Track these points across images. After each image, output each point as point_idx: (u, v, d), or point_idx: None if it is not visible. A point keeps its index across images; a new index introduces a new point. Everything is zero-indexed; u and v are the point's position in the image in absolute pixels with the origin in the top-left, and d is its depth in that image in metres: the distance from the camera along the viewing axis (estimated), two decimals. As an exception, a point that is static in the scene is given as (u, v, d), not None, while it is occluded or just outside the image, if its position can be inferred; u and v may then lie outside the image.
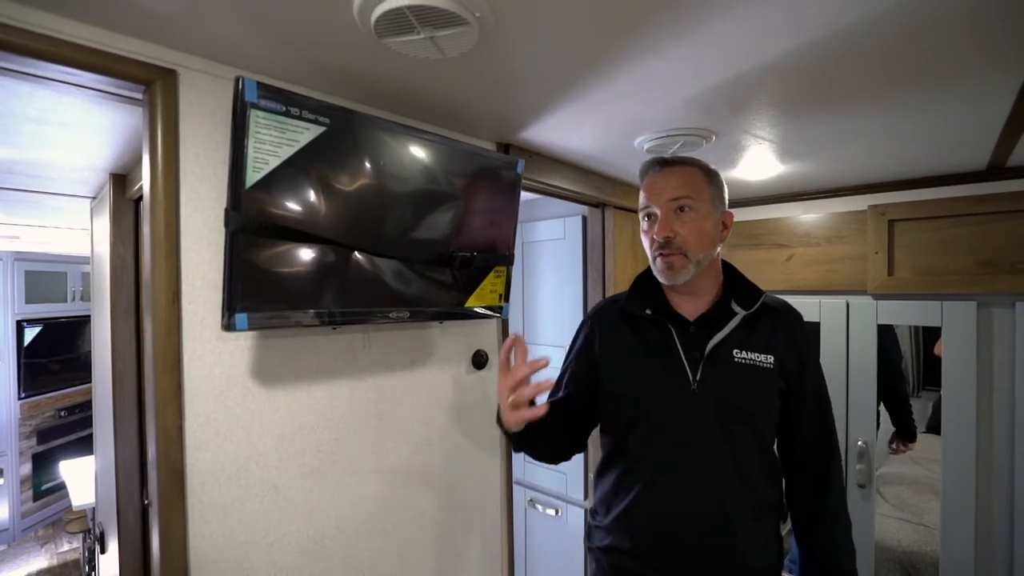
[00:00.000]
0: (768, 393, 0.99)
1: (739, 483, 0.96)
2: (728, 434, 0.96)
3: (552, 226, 2.24)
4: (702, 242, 0.98)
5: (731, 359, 0.98)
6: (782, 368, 0.99)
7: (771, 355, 0.99)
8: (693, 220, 0.97)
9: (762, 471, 0.99)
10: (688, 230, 0.97)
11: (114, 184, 1.61)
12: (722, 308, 1.02)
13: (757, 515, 0.98)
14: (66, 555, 3.59)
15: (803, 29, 0.82)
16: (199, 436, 0.91)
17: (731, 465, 0.96)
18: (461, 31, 0.78)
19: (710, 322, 1.01)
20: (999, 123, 1.29)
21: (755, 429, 0.98)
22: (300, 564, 1.05)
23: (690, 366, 0.98)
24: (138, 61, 0.83)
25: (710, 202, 1.00)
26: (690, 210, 0.97)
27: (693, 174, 1.00)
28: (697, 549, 0.96)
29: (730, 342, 0.99)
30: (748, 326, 1.01)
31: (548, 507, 2.28)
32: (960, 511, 1.82)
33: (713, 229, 1.00)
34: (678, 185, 0.98)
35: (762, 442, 1.00)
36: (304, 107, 0.89)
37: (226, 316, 0.86)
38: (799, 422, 1.03)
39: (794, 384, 1.01)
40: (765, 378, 0.98)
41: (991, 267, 1.76)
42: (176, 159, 0.88)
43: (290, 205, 0.90)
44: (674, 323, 1.02)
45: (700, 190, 0.99)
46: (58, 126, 1.20)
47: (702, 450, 0.97)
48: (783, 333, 1.02)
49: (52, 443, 3.99)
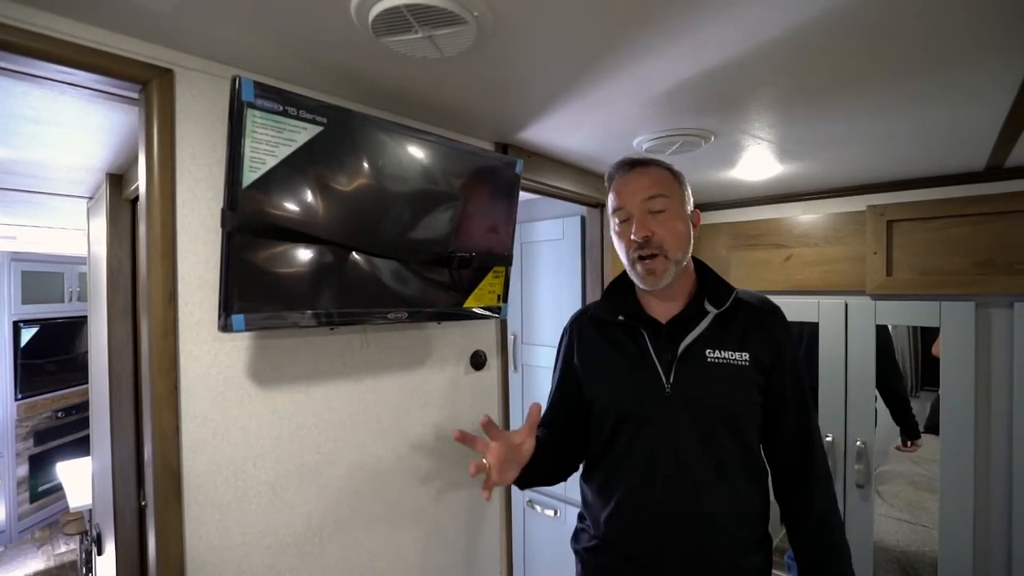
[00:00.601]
0: (745, 391, 0.97)
1: (721, 485, 0.95)
2: (706, 436, 0.95)
3: (551, 226, 2.24)
4: (679, 241, 0.98)
5: (704, 359, 0.97)
6: (758, 364, 0.97)
7: (746, 352, 0.97)
8: (668, 220, 0.97)
9: (744, 472, 0.97)
10: (665, 230, 0.96)
11: (111, 184, 1.61)
12: (694, 308, 1.01)
13: (742, 517, 0.97)
14: (63, 557, 3.57)
15: (801, 29, 0.82)
16: (196, 437, 0.90)
17: (711, 467, 0.95)
18: (459, 30, 0.78)
19: (682, 323, 1.00)
20: (997, 123, 1.29)
21: (734, 429, 0.96)
22: (298, 566, 1.05)
23: (663, 369, 0.98)
24: (134, 60, 0.82)
25: (681, 202, 1.00)
26: (664, 209, 0.97)
27: (662, 174, 1.01)
28: (680, 552, 0.95)
29: (702, 342, 0.98)
30: (721, 324, 1.00)
31: (547, 508, 2.28)
32: (958, 511, 1.82)
33: (686, 229, 1.00)
34: (650, 185, 0.98)
35: (743, 442, 0.98)
36: (301, 107, 0.89)
37: (223, 317, 0.85)
38: (778, 420, 1.01)
39: (773, 380, 0.99)
40: (741, 376, 0.96)
41: (989, 267, 1.76)
42: (172, 159, 0.88)
43: (287, 205, 0.89)
44: (646, 327, 1.02)
45: (672, 190, 0.99)
46: (54, 126, 1.20)
47: (680, 453, 0.96)
48: (758, 329, 1.00)
49: (49, 444, 3.98)
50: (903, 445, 2.37)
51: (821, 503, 0.99)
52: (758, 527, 1.01)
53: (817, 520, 0.99)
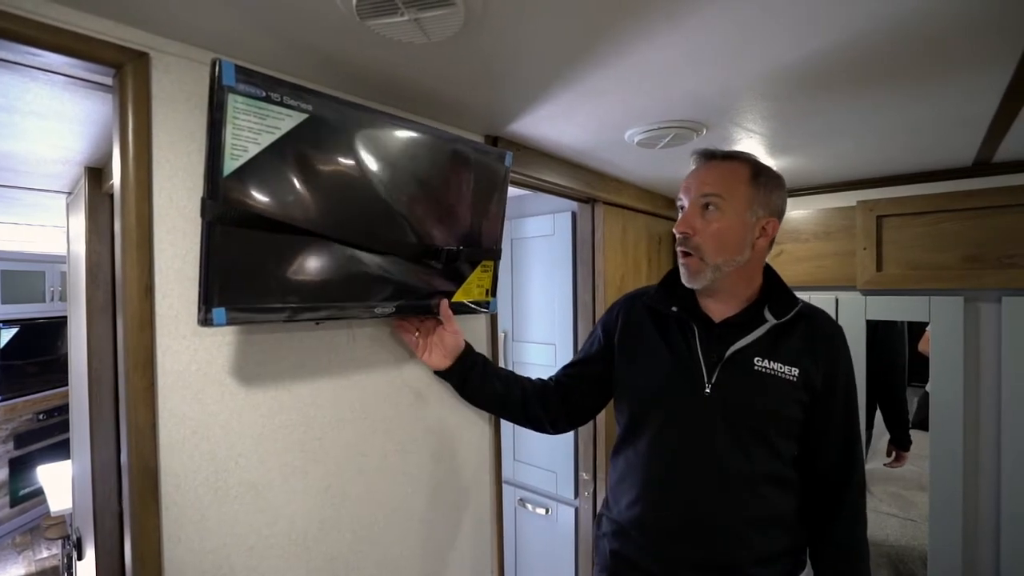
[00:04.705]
0: (786, 406, 0.94)
1: (745, 492, 0.93)
2: (738, 441, 0.93)
3: (541, 222, 2.22)
4: (722, 246, 0.93)
5: (751, 366, 0.94)
6: (807, 382, 0.94)
7: (796, 367, 0.94)
8: (716, 220, 0.92)
9: (774, 483, 0.95)
10: (709, 231, 0.93)
11: (89, 178, 1.56)
12: (752, 314, 0.97)
13: (763, 526, 0.94)
14: (44, 562, 3.49)
15: (796, 19, 0.81)
16: (174, 435, 0.87)
17: (737, 472, 0.93)
18: (447, 13, 0.75)
19: (736, 326, 0.97)
20: (986, 118, 1.29)
21: (766, 440, 0.94)
22: (282, 568, 1.01)
23: (707, 368, 0.95)
24: (107, 42, 0.79)
25: (745, 204, 0.93)
26: (715, 209, 0.92)
27: (734, 171, 0.95)
28: (694, 551, 0.94)
29: (753, 349, 0.95)
30: (777, 335, 0.96)
31: (538, 506, 2.26)
32: (947, 505, 1.83)
33: (740, 233, 0.94)
34: (711, 181, 0.94)
35: (775, 454, 0.95)
36: (285, 92, 0.86)
37: (202, 310, 0.82)
38: (820, 442, 0.97)
39: (820, 404, 0.95)
40: (785, 390, 0.93)
41: (978, 262, 1.77)
42: (149, 146, 0.84)
43: (270, 195, 0.86)
44: (698, 323, 0.99)
45: (734, 189, 0.93)
46: (28, 115, 1.15)
47: (709, 454, 0.94)
48: (815, 347, 0.96)
49: (30, 447, 3.88)
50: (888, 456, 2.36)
51: (848, 533, 0.96)
52: (782, 538, 0.97)
53: (836, 548, 0.96)
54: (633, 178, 1.95)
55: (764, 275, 1.03)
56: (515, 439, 2.37)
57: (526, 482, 2.32)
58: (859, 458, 0.98)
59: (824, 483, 0.98)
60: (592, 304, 1.96)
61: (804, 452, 0.99)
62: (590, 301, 1.97)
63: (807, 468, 0.99)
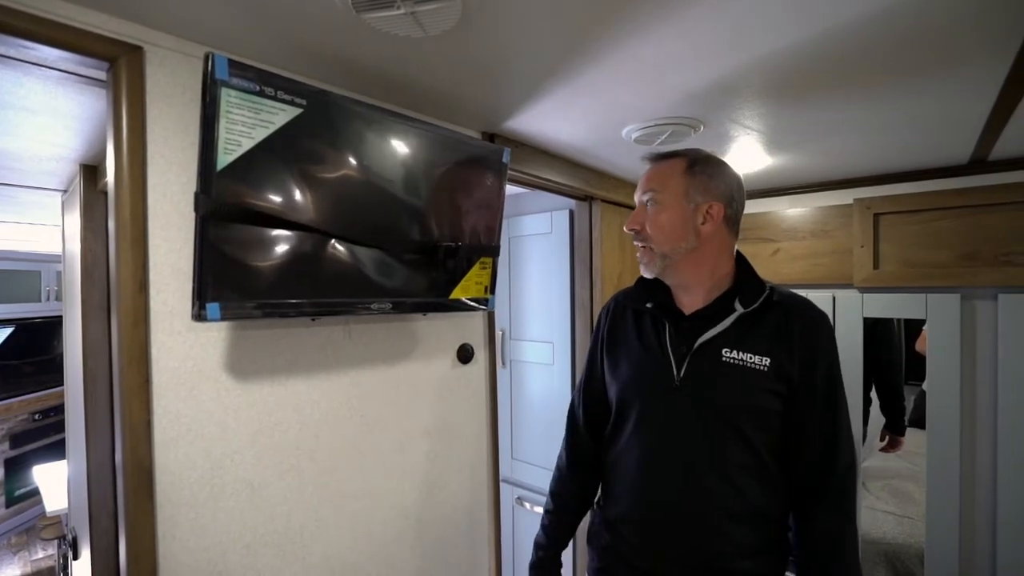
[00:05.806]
0: (758, 396, 0.92)
1: (723, 484, 0.92)
2: (711, 433, 0.93)
3: (539, 220, 2.21)
4: (664, 235, 0.97)
5: (719, 358, 0.94)
6: (780, 372, 0.92)
7: (768, 357, 0.92)
8: (655, 213, 0.98)
9: (752, 475, 0.93)
10: (650, 224, 0.98)
11: (85, 175, 1.55)
12: (721, 304, 0.97)
13: (745, 519, 0.93)
14: (40, 563, 3.47)
15: (792, 15, 0.81)
16: (169, 432, 0.86)
17: (712, 465, 0.92)
18: (443, 6, 0.75)
19: (705, 318, 0.97)
20: (982, 116, 1.29)
21: (739, 431, 0.92)
22: (278, 566, 1.01)
23: (676, 361, 0.96)
24: (101, 36, 0.78)
25: (680, 193, 0.96)
26: (655, 203, 0.98)
27: (671, 166, 0.99)
28: (678, 546, 0.94)
29: (721, 340, 0.95)
30: (746, 325, 0.95)
31: (536, 505, 2.25)
32: (944, 503, 1.83)
33: (678, 222, 0.96)
34: (649, 179, 1.00)
35: (749, 445, 0.93)
36: (279, 87, 0.85)
37: (197, 306, 0.82)
38: (800, 432, 0.95)
39: (800, 393, 0.93)
40: (755, 381, 0.92)
41: (974, 260, 1.78)
42: (143, 141, 0.84)
43: (264, 189, 0.86)
44: (670, 317, 1.00)
45: (668, 182, 0.97)
46: (22, 111, 1.15)
47: (680, 446, 0.94)
48: (791, 336, 0.94)
49: (25, 447, 3.86)
50: (882, 441, 2.36)
51: (833, 527, 0.93)
52: (765, 531, 0.96)
53: (818, 544, 0.93)
54: (631, 176, 1.95)
55: (737, 265, 1.03)
56: (513, 437, 2.36)
57: (524, 481, 2.32)
58: (844, 449, 0.95)
59: (806, 474, 0.96)
60: (590, 302, 1.96)
61: (786, 443, 0.97)
62: (588, 299, 1.97)
63: (790, 459, 0.97)
